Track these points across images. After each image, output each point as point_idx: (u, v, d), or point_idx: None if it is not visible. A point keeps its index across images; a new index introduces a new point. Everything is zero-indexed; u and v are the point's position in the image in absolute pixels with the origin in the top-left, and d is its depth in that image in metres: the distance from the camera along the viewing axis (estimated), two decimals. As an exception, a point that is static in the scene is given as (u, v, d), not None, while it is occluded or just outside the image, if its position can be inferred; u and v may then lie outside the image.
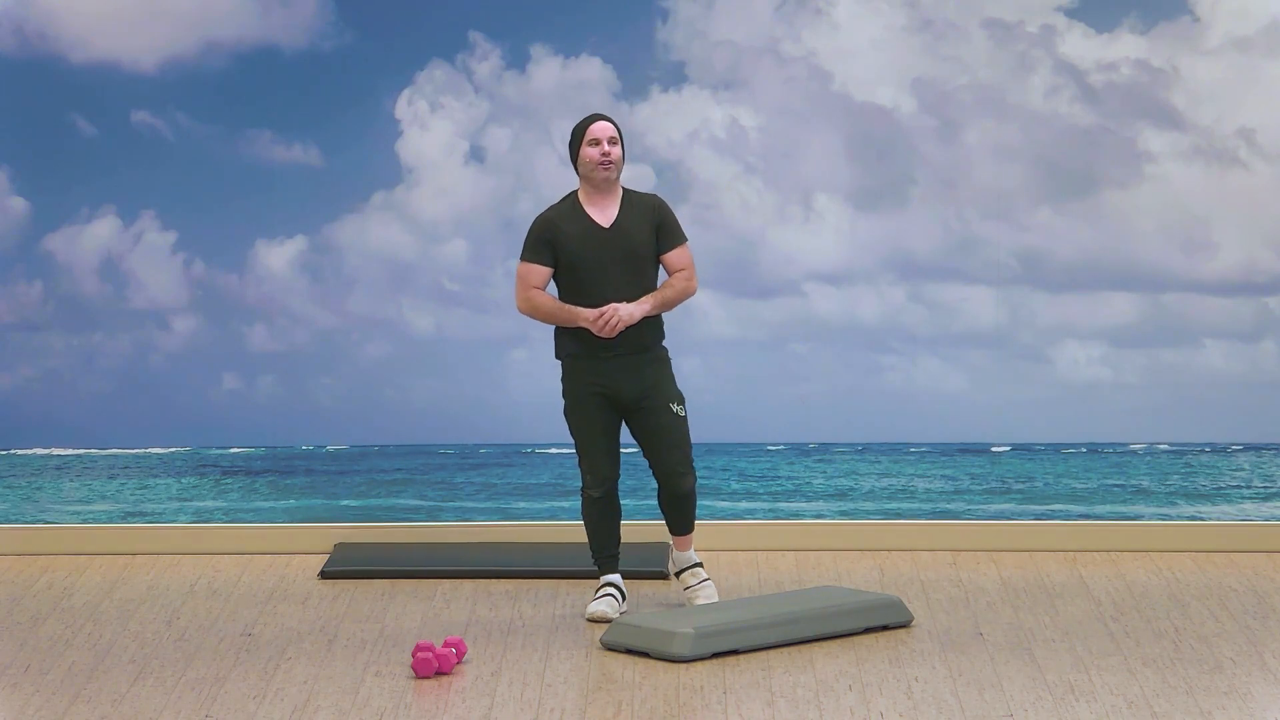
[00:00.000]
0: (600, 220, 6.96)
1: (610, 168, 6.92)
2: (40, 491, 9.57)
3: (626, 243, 6.94)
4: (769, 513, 9.59)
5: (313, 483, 9.69)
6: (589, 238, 6.92)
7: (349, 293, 8.94)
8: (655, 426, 7.02)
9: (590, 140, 6.93)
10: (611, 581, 7.12)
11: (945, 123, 8.73)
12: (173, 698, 6.03)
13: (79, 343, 8.92)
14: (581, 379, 7.00)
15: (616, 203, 7.00)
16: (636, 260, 6.96)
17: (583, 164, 6.95)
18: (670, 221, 7.04)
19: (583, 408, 7.00)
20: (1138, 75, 8.67)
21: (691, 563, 7.24)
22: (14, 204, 8.77)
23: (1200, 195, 8.75)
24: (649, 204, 7.03)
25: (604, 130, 6.93)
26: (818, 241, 8.93)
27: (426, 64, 8.85)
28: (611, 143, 6.93)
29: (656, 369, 7.04)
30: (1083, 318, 8.93)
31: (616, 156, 6.94)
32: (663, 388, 7.03)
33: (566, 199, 7.03)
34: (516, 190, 8.89)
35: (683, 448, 7.06)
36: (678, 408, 7.04)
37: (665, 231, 7.02)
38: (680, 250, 7.04)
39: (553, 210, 7.01)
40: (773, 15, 8.74)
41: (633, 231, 6.95)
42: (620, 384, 6.98)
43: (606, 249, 6.92)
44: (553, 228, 6.96)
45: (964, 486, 9.97)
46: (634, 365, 6.99)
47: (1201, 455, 10.55)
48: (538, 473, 10.24)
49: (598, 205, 6.98)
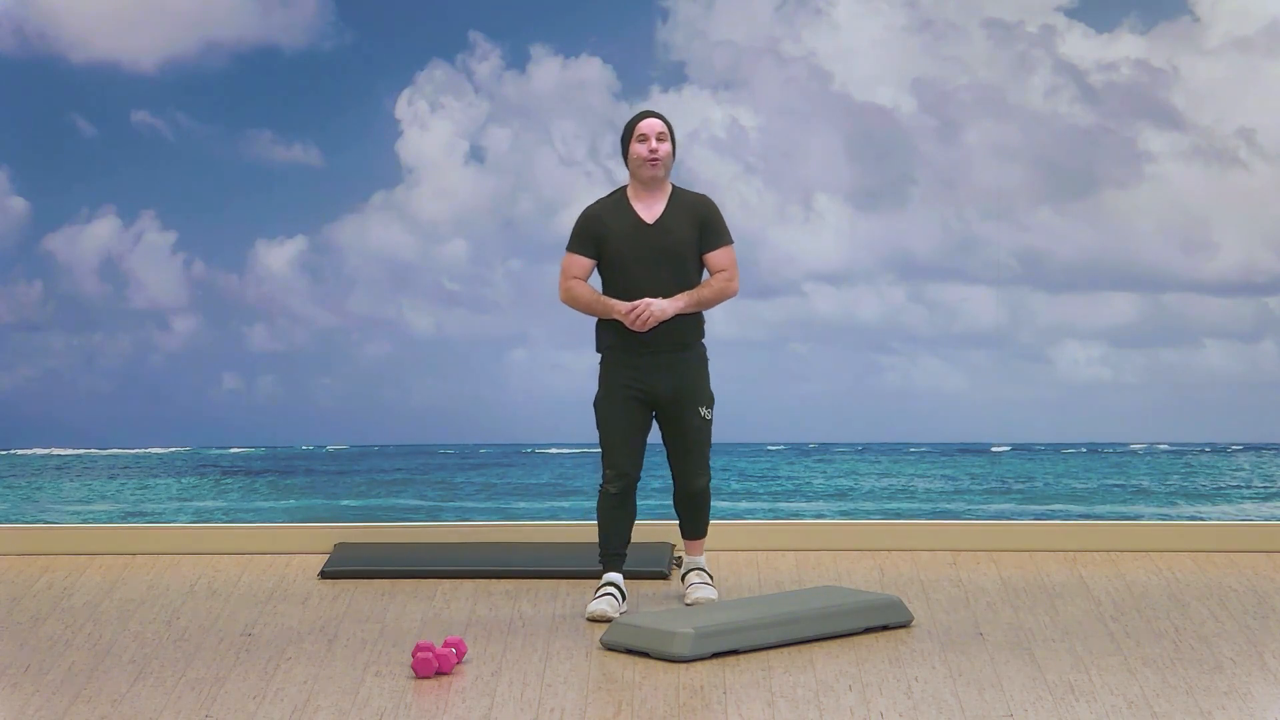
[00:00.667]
0: (645, 216, 7.00)
1: (657, 165, 6.97)
2: (40, 491, 9.57)
3: (668, 240, 6.97)
4: (769, 513, 9.59)
5: (313, 483, 9.69)
6: (632, 233, 6.97)
7: (349, 293, 8.94)
8: (680, 429, 7.08)
9: (639, 137, 6.98)
10: (613, 581, 7.13)
11: (945, 123, 8.73)
12: (173, 698, 6.03)
13: (79, 343, 8.92)
14: (618, 375, 7.04)
15: (664, 199, 7.04)
16: (677, 258, 6.99)
17: (631, 160, 7.00)
18: (715, 222, 7.07)
19: (614, 402, 7.04)
20: (1138, 75, 8.67)
21: (697, 566, 7.27)
22: (14, 204, 8.77)
23: (1200, 195, 8.75)
24: (696, 203, 7.07)
25: (652, 127, 6.98)
26: (818, 241, 8.93)
27: (426, 64, 8.85)
28: (660, 139, 6.97)
29: (693, 368, 7.09)
30: (1083, 318, 8.93)
31: (664, 153, 6.98)
32: (695, 389, 7.08)
33: (615, 193, 7.08)
34: (516, 190, 8.90)
35: (702, 451, 7.13)
36: (705, 411, 7.10)
37: (709, 231, 7.05)
38: (723, 251, 7.07)
39: (600, 204, 7.06)
40: (773, 15, 8.74)
41: (675, 229, 6.99)
42: (656, 380, 7.02)
43: (648, 245, 6.96)
44: (598, 221, 7.01)
45: (964, 486, 9.97)
46: (670, 362, 7.03)
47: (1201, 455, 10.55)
48: (538, 473, 10.24)
49: (644, 201, 7.02)
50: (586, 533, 8.01)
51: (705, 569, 7.26)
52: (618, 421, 7.04)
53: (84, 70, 8.76)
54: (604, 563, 7.18)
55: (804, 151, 8.83)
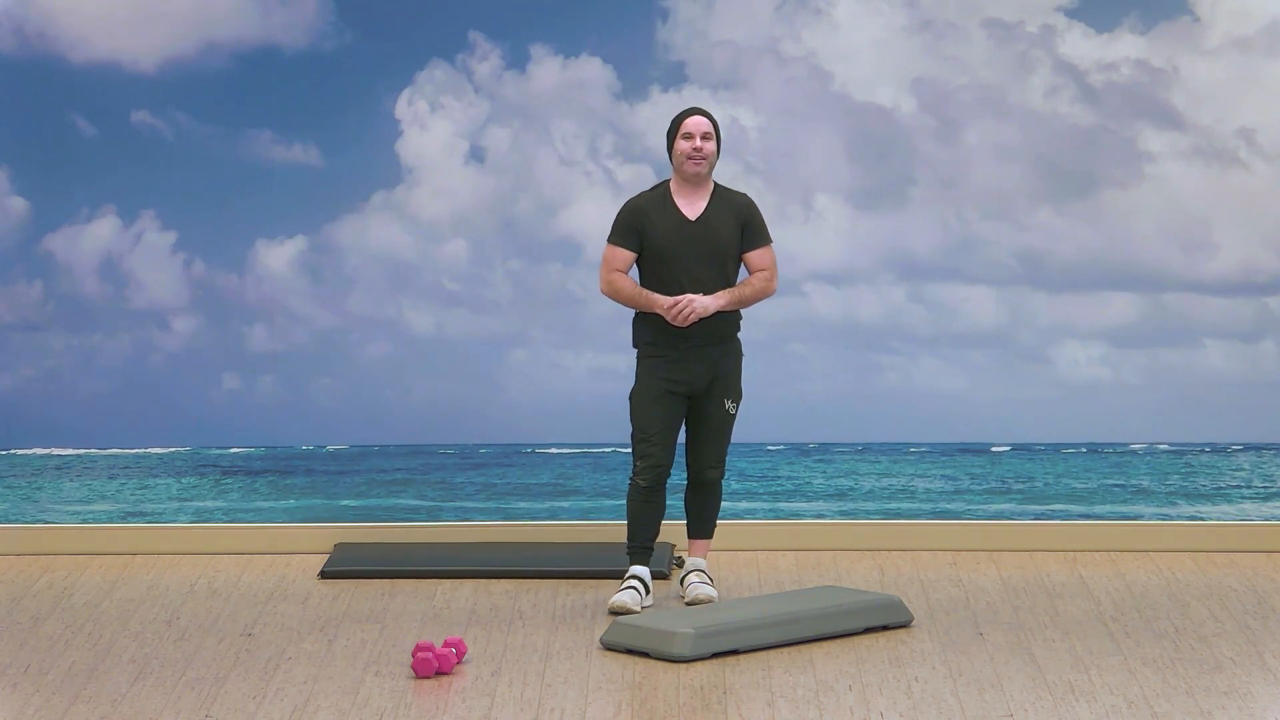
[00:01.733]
0: (687, 212, 7.03)
1: (701, 163, 6.99)
2: (40, 491, 9.58)
3: (710, 237, 7.01)
4: (769, 513, 9.60)
5: (313, 483, 9.70)
6: (674, 228, 7.00)
7: (349, 293, 8.94)
8: (705, 417, 7.13)
9: (684, 134, 7.01)
10: (638, 575, 7.15)
11: (945, 123, 8.74)
12: (173, 698, 6.03)
13: (79, 343, 8.93)
14: (656, 369, 7.08)
15: (706, 197, 7.07)
16: (718, 255, 7.03)
17: (675, 156, 7.03)
18: (757, 221, 7.12)
19: (651, 395, 7.07)
20: (1138, 75, 8.67)
21: (699, 567, 7.26)
22: (14, 204, 8.77)
23: (1200, 195, 8.75)
24: (738, 202, 7.10)
25: (698, 125, 7.01)
26: (818, 241, 8.94)
27: (426, 64, 8.85)
28: (705, 138, 7.00)
29: (730, 361, 7.14)
30: (1083, 318, 8.94)
31: (709, 152, 7.00)
32: (728, 381, 7.14)
33: (659, 187, 7.10)
34: (516, 190, 8.90)
35: (720, 443, 7.18)
36: (731, 405, 7.16)
37: (751, 231, 7.10)
38: (764, 251, 7.12)
39: (643, 197, 7.08)
40: (773, 15, 8.74)
41: (718, 226, 7.03)
42: (694, 374, 7.07)
43: (690, 241, 7.00)
44: (641, 214, 7.03)
45: (964, 486, 9.98)
46: (708, 356, 7.08)
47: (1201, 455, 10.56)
48: (538, 473, 10.25)
49: (687, 197, 7.05)
50: (587, 533, 8.02)
51: (706, 571, 7.26)
52: (654, 415, 7.06)
53: (84, 70, 8.76)
54: (631, 555, 7.20)
55: (804, 151, 8.83)
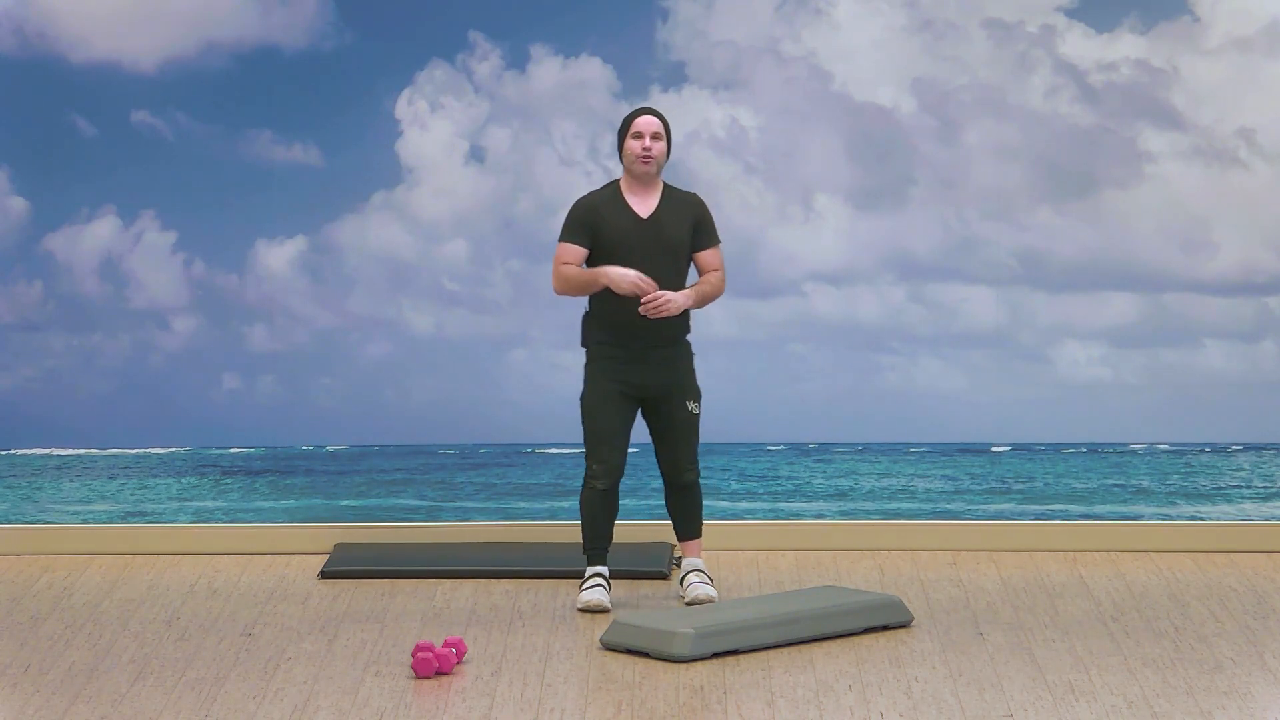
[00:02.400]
0: (640, 211, 7.05)
1: (650, 162, 7.03)
2: (40, 491, 9.57)
3: (663, 235, 7.04)
4: (769, 513, 9.59)
5: (313, 483, 9.70)
6: (628, 227, 7.02)
7: (349, 293, 8.94)
8: (669, 422, 7.15)
9: (634, 134, 7.04)
10: (600, 572, 7.19)
11: (945, 123, 8.74)
12: (173, 698, 6.03)
13: (79, 343, 8.92)
14: (607, 370, 7.08)
15: (657, 196, 7.10)
16: (672, 254, 7.06)
17: (625, 155, 7.06)
18: (708, 221, 7.16)
19: (601, 397, 7.08)
20: (1138, 75, 8.67)
21: (696, 568, 7.28)
22: (14, 204, 8.77)
23: (1200, 195, 8.75)
24: (689, 201, 7.14)
25: (648, 125, 7.04)
26: (818, 241, 8.94)
27: (426, 64, 8.85)
28: (654, 138, 7.03)
29: (682, 363, 7.17)
30: (1083, 318, 8.93)
31: (658, 152, 7.03)
32: (685, 383, 7.16)
33: (609, 186, 7.12)
34: (516, 190, 8.90)
35: (690, 444, 7.20)
36: (693, 405, 7.17)
37: (702, 231, 7.14)
38: (715, 251, 7.17)
39: (594, 195, 7.10)
40: (773, 15, 8.74)
41: (670, 225, 7.05)
42: (646, 376, 7.08)
43: (644, 239, 7.02)
44: (593, 212, 7.05)
45: (964, 486, 9.98)
46: (661, 358, 7.10)
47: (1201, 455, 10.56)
48: (538, 473, 10.24)
49: (638, 196, 7.08)
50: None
51: (704, 570, 7.28)
52: (608, 417, 7.08)
53: (84, 70, 8.76)
54: (589, 556, 7.22)
55: (804, 151, 8.83)
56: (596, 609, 7.04)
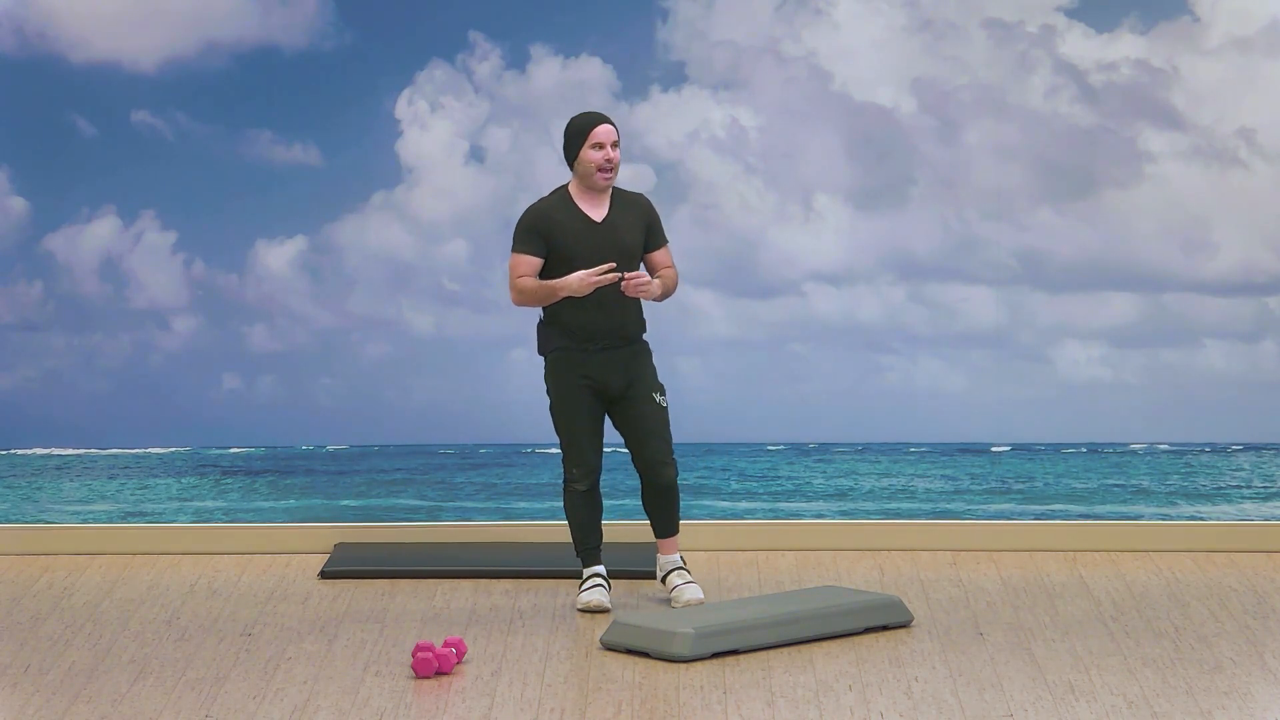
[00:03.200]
0: (593, 215, 7.01)
1: (611, 175, 6.97)
2: (40, 491, 9.57)
3: (618, 238, 7.00)
4: (769, 513, 9.59)
5: (313, 483, 9.69)
6: (582, 231, 6.97)
7: (349, 293, 8.94)
8: (638, 415, 7.07)
9: (594, 144, 6.94)
10: (598, 572, 7.16)
11: (945, 123, 8.74)
12: (173, 698, 6.03)
13: (79, 343, 8.92)
14: (568, 372, 7.04)
15: (607, 199, 7.07)
16: (627, 255, 7.02)
17: (582, 164, 6.96)
18: (658, 221, 7.16)
19: (569, 400, 7.05)
20: (1138, 75, 8.67)
21: (676, 565, 7.22)
22: (14, 204, 8.77)
23: (1200, 195, 8.75)
24: (639, 203, 7.10)
25: (609, 134, 6.96)
26: (818, 241, 8.93)
27: (426, 64, 8.85)
28: (615, 147, 6.96)
29: (641, 360, 7.12)
30: (1083, 318, 8.93)
31: (617, 161, 6.98)
32: (646, 379, 7.11)
33: (557, 192, 7.07)
34: (516, 190, 8.90)
35: (664, 436, 7.10)
36: (660, 398, 7.12)
37: (654, 231, 7.13)
38: (666, 250, 7.17)
39: (544, 202, 7.05)
40: (773, 15, 8.74)
41: (624, 228, 7.02)
42: (606, 375, 7.03)
43: (598, 243, 6.97)
44: (545, 219, 6.99)
45: (964, 486, 9.97)
46: (619, 357, 7.05)
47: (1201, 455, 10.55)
48: (538, 473, 10.24)
49: (590, 201, 7.03)
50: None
51: (684, 567, 7.22)
52: (579, 419, 7.04)
53: (84, 70, 8.76)
54: (584, 558, 7.20)
55: (804, 151, 8.83)
56: (596, 609, 7.03)
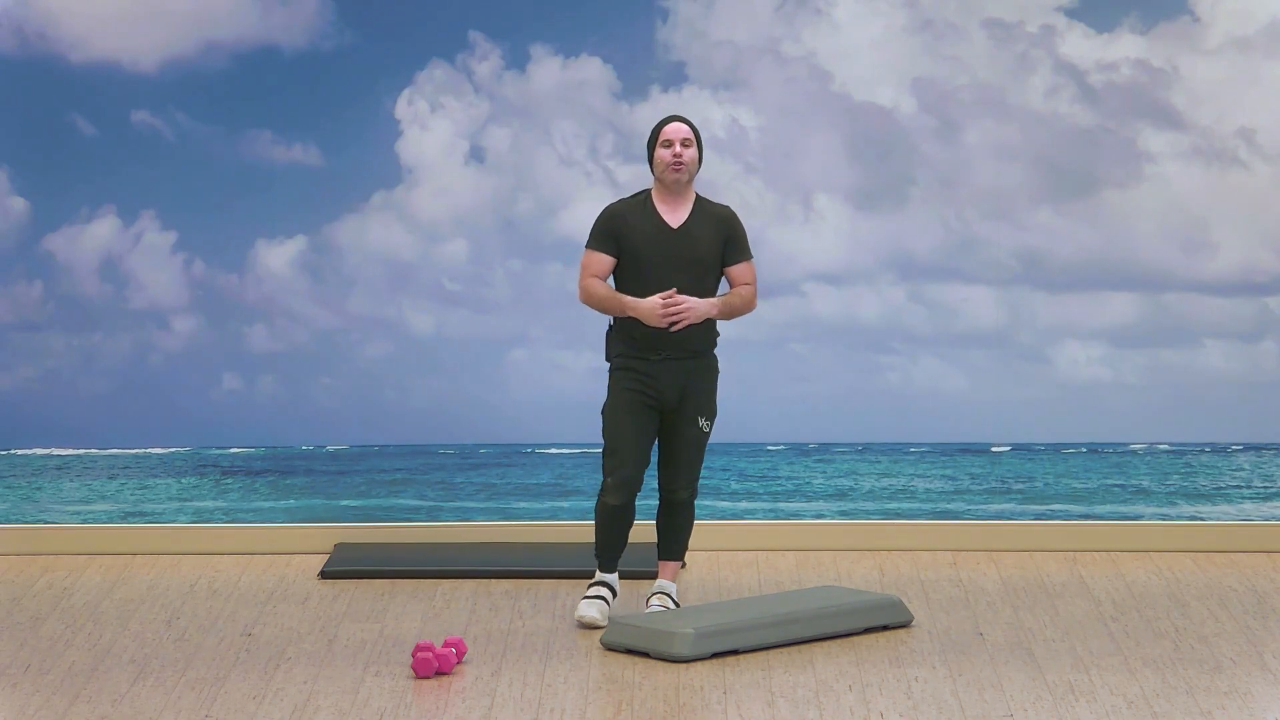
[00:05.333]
0: (670, 220, 6.92)
1: (681, 169, 6.87)
2: (40, 491, 9.58)
3: (692, 247, 6.90)
4: (769, 513, 9.59)
5: (313, 483, 9.69)
6: (656, 236, 6.89)
7: (349, 293, 8.94)
8: (675, 435, 6.97)
9: (664, 142, 6.89)
10: (606, 581, 7.02)
11: (945, 123, 8.74)
12: (173, 698, 6.03)
13: (79, 343, 8.92)
14: (626, 380, 6.92)
15: (689, 206, 6.96)
16: (700, 266, 6.90)
17: (656, 164, 6.91)
18: (740, 235, 6.99)
19: (621, 409, 6.90)
20: (1138, 75, 8.67)
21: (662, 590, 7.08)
22: (14, 204, 8.77)
23: (1200, 195, 8.75)
24: (721, 215, 6.98)
25: (678, 132, 6.90)
26: (818, 241, 8.94)
27: (426, 64, 8.85)
28: (685, 145, 6.88)
29: (703, 376, 6.98)
30: (1083, 318, 8.94)
31: (689, 158, 6.89)
32: (700, 398, 6.97)
33: (640, 194, 6.99)
34: (516, 190, 8.90)
35: (692, 462, 7.00)
36: (705, 424, 6.99)
37: (734, 244, 6.97)
38: (746, 265, 7.01)
39: (623, 203, 6.98)
40: (773, 15, 8.74)
41: (700, 237, 6.91)
42: (663, 386, 6.90)
43: (672, 250, 6.88)
44: (620, 220, 6.92)
45: (964, 486, 9.98)
46: (681, 370, 6.93)
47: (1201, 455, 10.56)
48: (538, 473, 10.25)
49: (669, 205, 6.94)
50: (587, 533, 8.01)
51: (672, 596, 7.07)
52: (628, 427, 6.89)
53: (84, 70, 8.76)
54: (599, 562, 7.11)
55: (804, 151, 8.83)
56: (589, 625, 6.92)
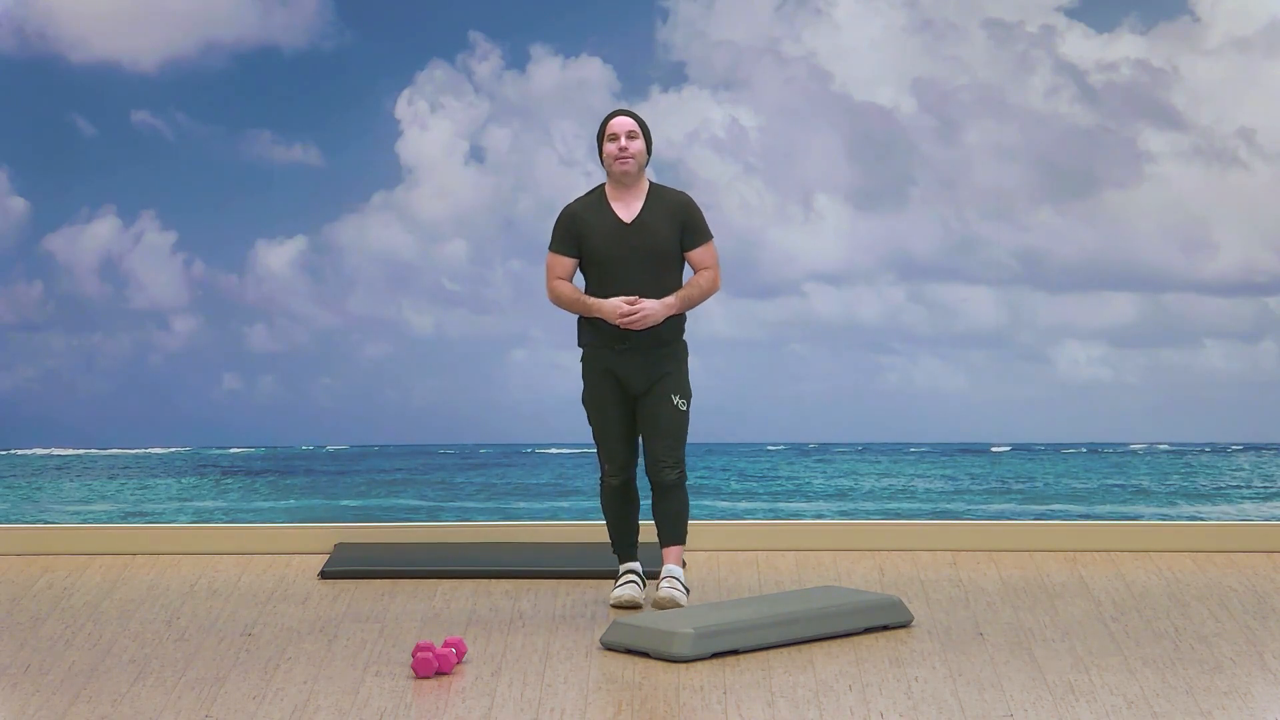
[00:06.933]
0: (623, 215, 6.97)
1: (628, 162, 6.92)
2: (40, 491, 9.58)
3: (648, 239, 6.95)
4: (769, 513, 9.59)
5: (313, 483, 9.69)
6: (611, 232, 6.94)
7: (349, 293, 8.95)
8: (652, 414, 7.03)
9: (608, 136, 6.95)
10: (633, 569, 7.14)
11: (945, 123, 8.74)
12: (173, 698, 6.03)
13: (79, 343, 8.93)
14: (596, 368, 7.04)
15: (641, 198, 7.00)
16: (658, 257, 6.96)
17: (605, 160, 6.97)
18: (696, 220, 7.02)
19: (598, 394, 7.04)
20: (1138, 75, 8.67)
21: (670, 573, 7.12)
22: (14, 204, 8.77)
23: (1200, 195, 8.75)
24: (676, 201, 7.02)
25: (621, 125, 6.95)
26: (818, 241, 8.94)
27: (426, 64, 8.85)
28: (630, 137, 6.93)
29: (670, 362, 7.04)
30: (1083, 318, 8.94)
31: (634, 150, 6.93)
32: (671, 380, 7.04)
33: (594, 191, 7.05)
34: (516, 190, 8.90)
35: (674, 438, 7.04)
36: (680, 401, 7.05)
37: (690, 229, 7.01)
38: (705, 248, 7.03)
39: (578, 202, 7.03)
40: (773, 15, 8.74)
41: (655, 228, 6.96)
42: (631, 373, 7.00)
43: (628, 244, 6.94)
44: (576, 220, 6.98)
45: (964, 486, 9.98)
46: (649, 358, 7.01)
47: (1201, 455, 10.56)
48: (538, 473, 10.24)
49: (622, 200, 6.99)
50: (586, 533, 8.02)
51: (680, 579, 7.14)
52: (609, 415, 7.04)
53: (84, 70, 8.76)
54: (619, 554, 7.18)
55: (804, 151, 8.83)
56: (629, 605, 7.00)
